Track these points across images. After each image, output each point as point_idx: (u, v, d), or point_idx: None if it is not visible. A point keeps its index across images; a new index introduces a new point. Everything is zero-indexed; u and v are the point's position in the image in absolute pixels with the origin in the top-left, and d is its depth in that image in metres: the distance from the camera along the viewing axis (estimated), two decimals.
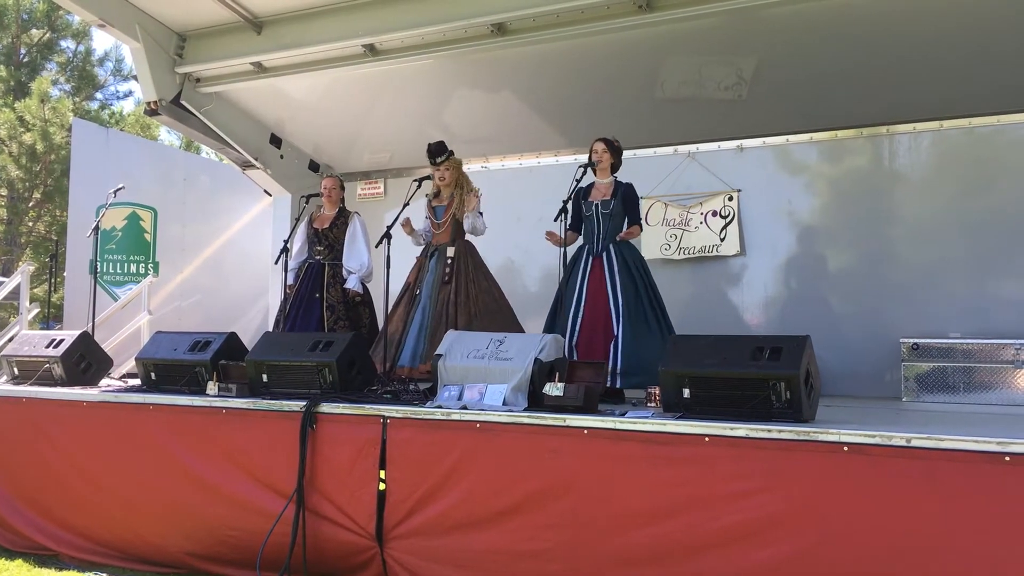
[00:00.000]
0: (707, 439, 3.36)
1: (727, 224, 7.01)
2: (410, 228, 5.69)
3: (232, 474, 4.34)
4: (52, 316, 11.64)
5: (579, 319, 5.10)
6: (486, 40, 6.32)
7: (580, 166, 5.02)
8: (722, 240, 7.02)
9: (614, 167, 5.39)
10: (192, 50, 7.37)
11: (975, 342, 5.74)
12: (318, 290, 6.18)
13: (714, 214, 7.07)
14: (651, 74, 6.59)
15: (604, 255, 5.20)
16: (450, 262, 5.55)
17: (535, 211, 7.04)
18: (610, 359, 4.90)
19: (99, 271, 7.14)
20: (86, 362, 5.41)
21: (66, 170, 12.30)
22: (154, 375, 5.00)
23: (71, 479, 4.82)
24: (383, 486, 4.03)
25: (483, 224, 5.65)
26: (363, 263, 6.18)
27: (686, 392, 3.62)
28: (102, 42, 32.42)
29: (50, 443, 4.92)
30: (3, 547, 4.97)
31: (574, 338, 5.06)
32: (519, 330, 5.47)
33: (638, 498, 3.45)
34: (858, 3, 5.62)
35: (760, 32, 5.98)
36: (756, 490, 3.25)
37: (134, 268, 8.20)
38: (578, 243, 5.40)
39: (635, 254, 5.29)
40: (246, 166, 8.20)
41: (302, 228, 6.39)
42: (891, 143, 6.62)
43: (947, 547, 2.95)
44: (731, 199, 7.02)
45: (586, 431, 3.61)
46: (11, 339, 6.51)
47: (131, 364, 6.26)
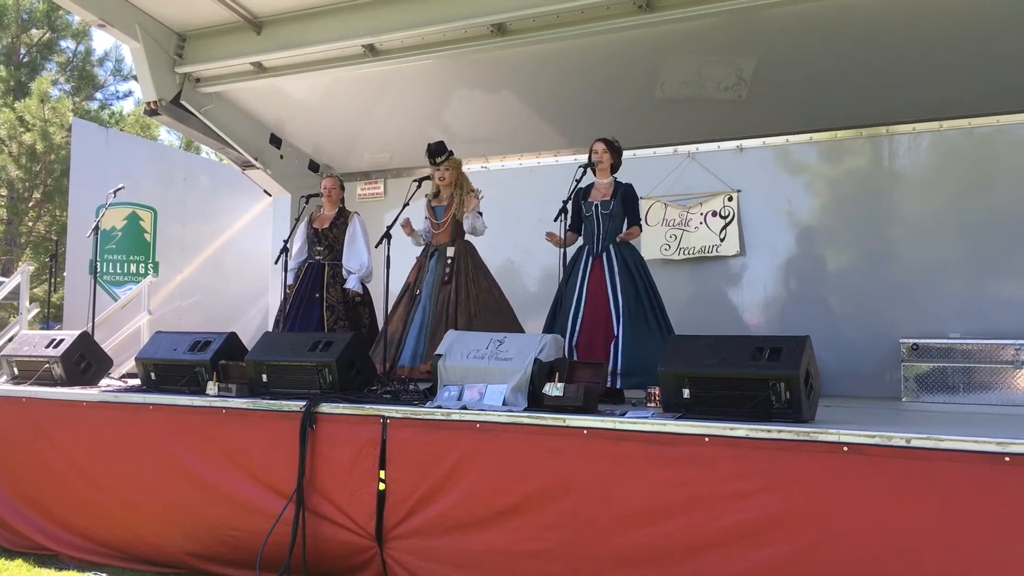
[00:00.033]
0: (707, 439, 3.37)
1: (727, 224, 7.01)
2: (410, 229, 5.69)
3: (232, 474, 4.34)
4: (52, 316, 11.63)
5: (579, 319, 5.10)
6: (486, 40, 6.32)
7: (580, 166, 5.01)
8: (722, 240, 7.02)
9: (614, 167, 5.39)
10: (192, 50, 7.37)
11: (975, 342, 5.74)
12: (318, 290, 6.18)
13: (714, 214, 7.07)
14: (651, 74, 6.59)
15: (604, 255, 5.20)
16: (450, 262, 5.55)
17: (535, 211, 7.04)
18: (610, 359, 4.90)
19: (99, 271, 7.14)
20: (86, 362, 5.41)
21: (66, 170, 12.30)
22: (154, 375, 5.00)
23: (71, 479, 4.81)
24: (383, 486, 4.03)
25: (483, 225, 5.65)
26: (363, 263, 6.18)
27: (686, 392, 3.62)
28: (102, 42, 32.49)
29: (50, 443, 4.92)
30: (3, 547, 4.97)
31: (574, 338, 5.06)
32: (519, 330, 5.47)
33: (638, 498, 3.45)
34: (858, 3, 5.63)
35: (760, 32, 5.99)
36: (756, 490, 3.25)
37: (134, 268, 8.20)
38: (578, 243, 5.40)
39: (635, 254, 5.29)
40: (246, 166, 8.20)
41: (302, 228, 6.39)
42: (891, 143, 6.62)
43: (947, 547, 2.95)
44: (731, 199, 7.02)
45: (586, 431, 3.61)
46: (11, 339, 6.51)
47: (131, 364, 6.25)
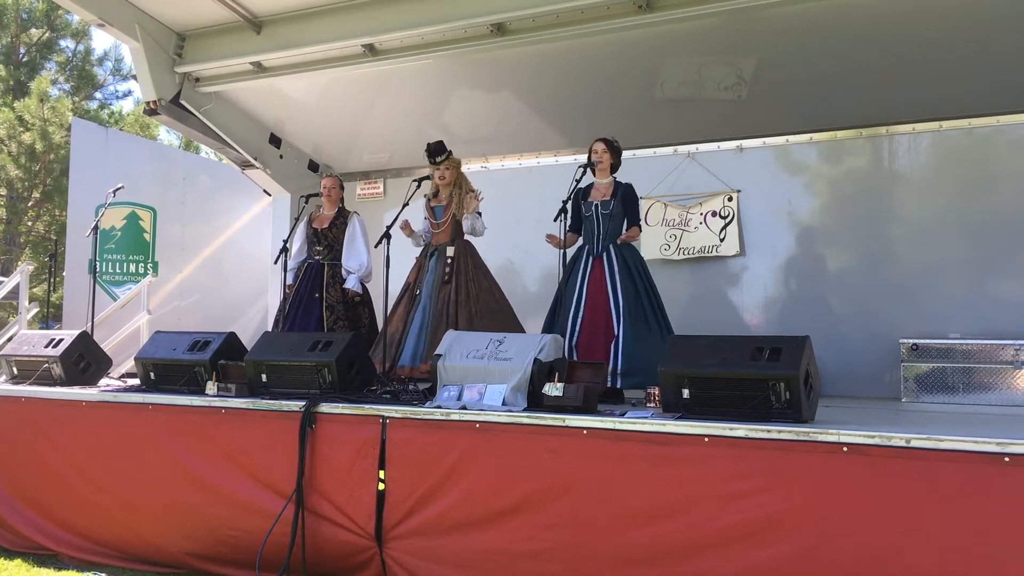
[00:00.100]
0: (707, 439, 3.36)
1: (727, 224, 7.01)
2: (409, 230, 5.69)
3: (231, 474, 4.34)
4: (51, 316, 11.62)
5: (579, 319, 5.10)
6: (486, 40, 6.32)
7: (580, 166, 5.01)
8: (722, 240, 7.02)
9: (613, 167, 5.39)
10: (191, 50, 7.37)
11: (974, 343, 5.74)
12: (317, 290, 6.18)
13: (714, 214, 7.07)
14: (651, 74, 6.59)
15: (604, 255, 5.20)
16: (450, 262, 5.54)
17: (535, 211, 7.03)
18: (610, 359, 4.90)
19: (98, 271, 7.14)
20: (85, 362, 5.40)
21: (65, 170, 12.29)
22: (153, 375, 5.00)
23: (70, 479, 4.81)
24: (382, 486, 4.03)
25: (482, 225, 5.65)
26: (362, 263, 6.18)
27: (686, 392, 3.62)
28: (101, 42, 32.47)
29: (50, 443, 4.91)
30: (2, 547, 4.96)
31: (574, 338, 5.06)
32: (519, 330, 5.46)
33: (638, 498, 3.45)
34: (858, 3, 5.63)
35: (760, 32, 5.99)
36: (756, 490, 3.25)
37: (133, 268, 8.20)
38: (578, 243, 5.39)
39: (635, 255, 5.29)
40: (245, 166, 8.20)
41: (301, 228, 6.39)
42: (891, 144, 6.62)
43: (947, 547, 2.95)
44: (731, 199, 7.02)
45: (585, 431, 3.61)
46: (10, 339, 6.51)
47: (130, 364, 6.26)
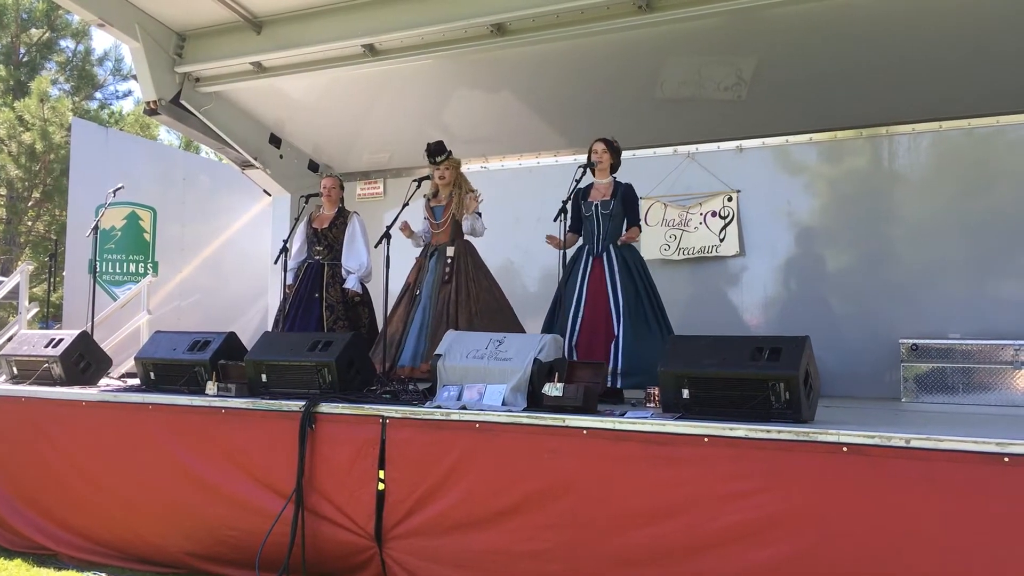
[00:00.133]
0: (706, 439, 3.37)
1: (726, 225, 7.01)
2: (409, 231, 5.69)
3: (231, 474, 4.34)
4: (51, 316, 11.62)
5: (579, 319, 5.10)
6: (486, 40, 6.32)
7: (579, 166, 5.01)
8: (721, 241, 7.02)
9: (613, 167, 5.39)
10: (192, 50, 7.37)
11: (974, 343, 5.74)
12: (317, 290, 6.17)
13: (713, 215, 7.07)
14: (651, 74, 6.59)
15: (604, 256, 5.20)
16: (450, 262, 5.54)
17: (535, 211, 7.05)
18: (610, 359, 4.90)
19: (98, 271, 7.14)
20: (85, 362, 5.40)
21: (65, 169, 12.29)
22: (153, 375, 5.00)
23: (71, 479, 4.81)
24: (382, 486, 4.03)
25: (482, 226, 5.65)
26: (362, 263, 6.18)
27: (685, 392, 3.62)
28: (101, 42, 32.45)
29: (50, 443, 4.91)
30: (2, 547, 4.96)
31: (574, 338, 5.06)
32: (520, 330, 5.47)
33: (637, 498, 3.45)
34: (859, 3, 5.63)
35: (760, 32, 5.99)
36: (755, 490, 3.25)
37: (133, 268, 8.20)
38: (578, 243, 5.39)
39: (635, 255, 5.29)
40: (245, 166, 8.20)
41: (301, 228, 6.39)
42: (890, 144, 6.62)
43: (946, 547, 2.95)
44: (730, 200, 7.02)
45: (585, 431, 3.61)
46: (10, 338, 6.51)
47: (130, 364, 6.26)
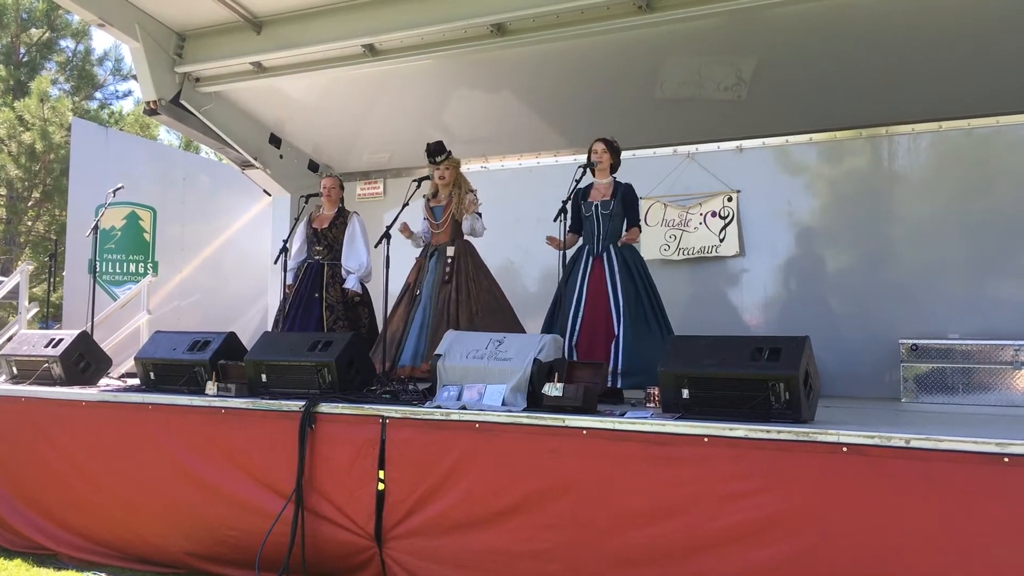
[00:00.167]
0: (706, 439, 3.37)
1: (726, 225, 7.01)
2: (408, 232, 5.69)
3: (231, 474, 4.34)
4: (51, 315, 11.63)
5: (579, 319, 5.10)
6: (486, 40, 6.32)
7: (579, 166, 5.00)
8: (721, 241, 7.02)
9: (613, 167, 5.39)
10: (192, 50, 7.37)
11: (974, 343, 5.74)
12: (317, 290, 6.17)
13: (713, 215, 7.07)
14: (651, 74, 6.59)
15: (604, 256, 5.20)
16: (450, 261, 5.54)
17: (535, 211, 7.04)
18: (610, 359, 4.90)
19: (98, 271, 7.14)
20: (85, 362, 5.40)
21: (65, 169, 12.28)
22: (153, 375, 5.00)
23: (71, 479, 4.81)
24: (382, 486, 4.03)
25: (482, 226, 5.65)
26: (362, 263, 6.18)
27: (685, 392, 3.62)
28: (101, 41, 32.41)
29: (50, 443, 4.91)
30: (2, 547, 4.96)
31: (574, 338, 5.06)
32: (520, 329, 5.47)
33: (637, 498, 3.45)
34: (858, 3, 5.63)
35: (760, 32, 5.99)
36: (755, 490, 3.25)
37: (133, 268, 8.20)
38: (578, 243, 5.39)
39: (635, 255, 5.29)
40: (245, 166, 8.20)
41: (301, 228, 6.39)
42: (890, 144, 6.62)
43: (946, 547, 2.95)
44: (730, 200, 7.02)
45: (585, 431, 3.61)
46: (10, 338, 6.51)
47: (130, 364, 6.26)
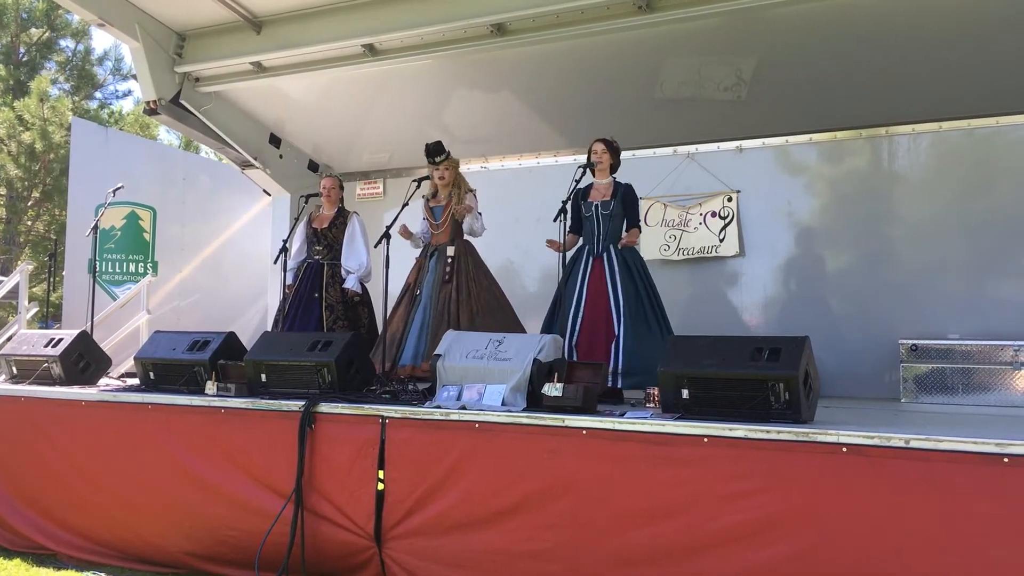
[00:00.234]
0: (706, 440, 3.37)
1: (726, 225, 7.01)
2: (408, 233, 5.69)
3: (231, 474, 4.34)
4: (51, 315, 11.62)
5: (579, 319, 5.10)
6: (486, 40, 6.32)
7: (579, 167, 5.00)
8: (721, 241, 7.02)
9: (613, 167, 5.39)
10: (191, 49, 7.37)
11: (974, 343, 5.74)
12: (317, 290, 6.17)
13: (713, 215, 7.07)
14: (651, 74, 6.59)
15: (604, 256, 5.20)
16: (450, 261, 5.54)
17: (534, 211, 7.05)
18: (610, 359, 4.90)
19: (98, 270, 7.14)
20: (85, 361, 5.40)
21: (65, 169, 12.28)
22: (153, 375, 5.00)
23: (70, 479, 4.81)
24: (382, 486, 4.03)
25: (481, 226, 5.65)
26: (362, 263, 6.18)
27: (685, 393, 3.62)
28: (101, 41, 32.40)
29: (49, 443, 4.91)
30: (2, 547, 4.96)
31: (574, 338, 5.06)
32: (520, 329, 5.47)
33: (637, 498, 3.45)
34: (859, 3, 5.63)
35: (760, 32, 5.99)
36: (755, 491, 3.25)
37: (133, 267, 8.20)
38: (578, 244, 5.39)
39: (635, 255, 5.29)
40: (245, 166, 8.20)
41: (301, 228, 6.39)
42: (890, 144, 6.62)
43: (946, 548, 2.95)
44: (730, 200, 7.02)
45: (585, 431, 3.61)
46: (10, 338, 6.51)
47: (130, 363, 6.26)
